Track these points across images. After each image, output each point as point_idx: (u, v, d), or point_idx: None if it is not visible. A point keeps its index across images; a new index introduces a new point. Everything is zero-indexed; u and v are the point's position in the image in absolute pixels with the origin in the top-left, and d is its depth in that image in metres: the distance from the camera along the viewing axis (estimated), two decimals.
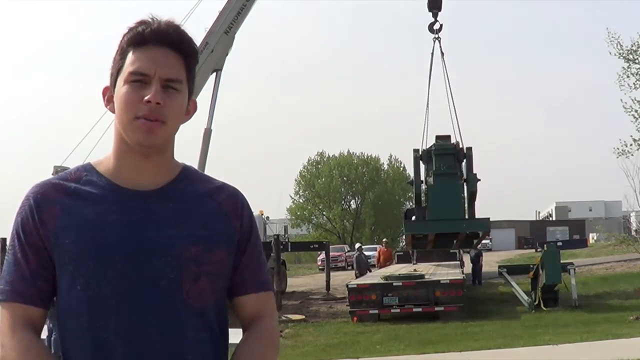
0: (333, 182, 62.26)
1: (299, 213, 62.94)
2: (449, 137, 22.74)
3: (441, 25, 23.72)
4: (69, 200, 1.67)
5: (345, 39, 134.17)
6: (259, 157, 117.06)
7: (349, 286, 16.93)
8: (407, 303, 16.05)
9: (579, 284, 18.61)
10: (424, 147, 22.67)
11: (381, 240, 34.05)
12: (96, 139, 16.76)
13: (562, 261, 17.32)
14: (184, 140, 1.85)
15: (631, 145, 22.77)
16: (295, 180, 63.85)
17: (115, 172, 1.71)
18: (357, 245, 25.83)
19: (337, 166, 62.96)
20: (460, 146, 22.29)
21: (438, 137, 22.82)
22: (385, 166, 65.49)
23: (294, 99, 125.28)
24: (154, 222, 1.66)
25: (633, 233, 29.00)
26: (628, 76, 22.88)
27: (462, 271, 19.70)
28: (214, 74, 18.40)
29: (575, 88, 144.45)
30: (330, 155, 64.44)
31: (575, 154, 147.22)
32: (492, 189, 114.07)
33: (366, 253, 26.68)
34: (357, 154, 64.59)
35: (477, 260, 24.71)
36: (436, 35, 23.68)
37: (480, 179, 22.23)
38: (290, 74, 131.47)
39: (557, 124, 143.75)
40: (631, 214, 33.78)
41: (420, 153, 22.56)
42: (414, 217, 23.48)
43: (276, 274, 17.73)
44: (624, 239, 26.48)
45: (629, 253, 26.94)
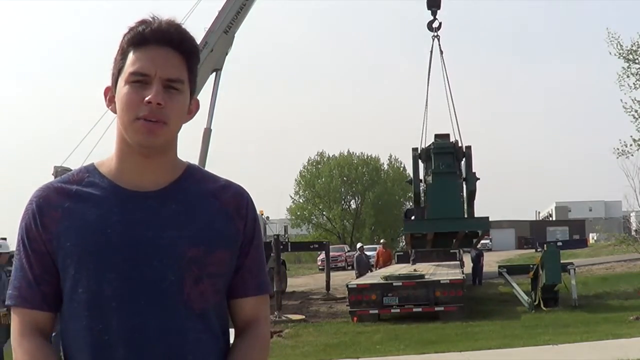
0: (333, 182, 62.18)
1: (299, 213, 62.86)
2: (448, 135, 22.72)
3: (440, 23, 23.76)
4: (70, 202, 1.67)
5: (345, 39, 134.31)
6: (259, 157, 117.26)
7: (349, 286, 16.90)
8: (407, 303, 16.02)
9: (579, 284, 18.59)
10: (423, 146, 22.64)
11: (380, 240, 33.13)
12: (96, 139, 16.78)
13: (562, 261, 17.30)
14: (183, 141, 1.84)
15: (631, 145, 22.80)
16: (295, 180, 63.91)
17: (117, 173, 1.70)
18: (359, 245, 25.30)
19: (337, 166, 62.89)
20: (460, 145, 22.27)
21: (437, 135, 22.79)
22: (385, 166, 65.46)
23: (294, 98, 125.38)
24: (155, 223, 1.65)
25: (633, 233, 29.02)
26: (628, 76, 22.90)
27: (462, 271, 19.66)
28: (214, 73, 18.41)
29: (575, 88, 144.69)
30: (330, 155, 64.43)
31: (575, 154, 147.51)
32: (492, 188, 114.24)
33: (367, 253, 26.43)
34: (357, 154, 64.62)
35: (478, 260, 24.62)
36: (435, 34, 23.72)
37: (479, 178, 22.22)
38: (290, 73, 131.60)
39: (557, 124, 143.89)
40: (631, 214, 33.81)
41: (419, 152, 22.52)
42: (413, 217, 23.49)
43: (276, 274, 17.68)
44: (624, 239, 26.45)
45: (629, 253, 26.91)
